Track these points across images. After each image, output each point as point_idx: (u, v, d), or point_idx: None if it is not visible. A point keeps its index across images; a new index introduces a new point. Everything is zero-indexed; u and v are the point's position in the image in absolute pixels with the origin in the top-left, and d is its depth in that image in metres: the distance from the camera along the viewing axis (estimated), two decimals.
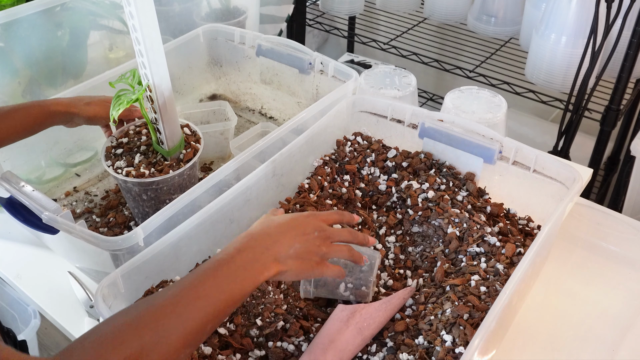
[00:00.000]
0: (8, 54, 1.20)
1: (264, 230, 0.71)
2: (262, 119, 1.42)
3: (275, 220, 0.73)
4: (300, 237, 0.71)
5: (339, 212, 0.81)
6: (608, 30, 1.35)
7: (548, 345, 0.90)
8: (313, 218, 0.75)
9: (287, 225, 0.72)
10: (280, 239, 0.70)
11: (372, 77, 1.34)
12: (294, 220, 0.73)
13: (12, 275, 1.06)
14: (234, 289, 0.64)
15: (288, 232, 0.71)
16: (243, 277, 0.65)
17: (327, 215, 0.78)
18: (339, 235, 0.76)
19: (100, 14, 1.37)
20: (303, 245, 0.71)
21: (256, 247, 0.68)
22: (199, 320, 0.60)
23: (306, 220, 0.74)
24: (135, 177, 0.98)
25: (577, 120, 1.48)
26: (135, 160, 1.02)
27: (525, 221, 1.00)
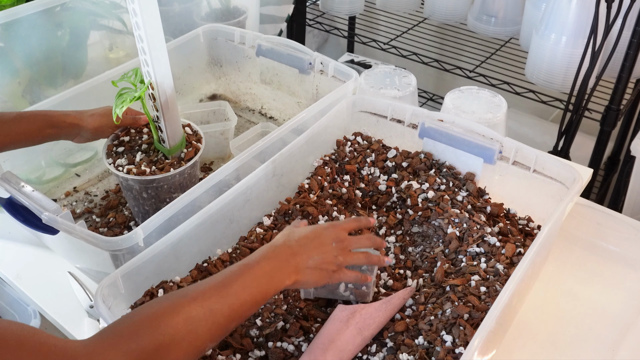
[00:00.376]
0: (8, 54, 1.20)
1: (285, 242, 0.75)
2: (262, 119, 1.42)
3: (297, 232, 0.77)
4: (318, 248, 0.76)
5: (357, 219, 0.85)
6: (608, 30, 1.35)
7: (548, 345, 0.90)
8: (332, 229, 0.79)
9: (307, 237, 0.76)
10: (300, 251, 0.75)
11: (372, 77, 1.34)
12: (314, 232, 0.78)
13: (12, 275, 1.06)
14: (257, 292, 0.69)
15: (307, 244, 0.76)
16: (266, 282, 0.70)
17: (346, 224, 0.82)
18: (357, 243, 0.81)
19: (100, 14, 1.37)
20: (321, 256, 0.76)
21: (278, 257, 0.73)
22: (226, 316, 0.65)
23: (325, 232, 0.78)
24: (136, 174, 0.98)
25: (577, 120, 1.48)
26: (137, 158, 1.02)
27: (525, 221, 1.00)
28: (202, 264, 0.89)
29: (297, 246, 0.75)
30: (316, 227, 0.79)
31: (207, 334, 0.63)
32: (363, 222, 0.85)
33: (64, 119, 1.01)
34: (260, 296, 0.69)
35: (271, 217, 0.99)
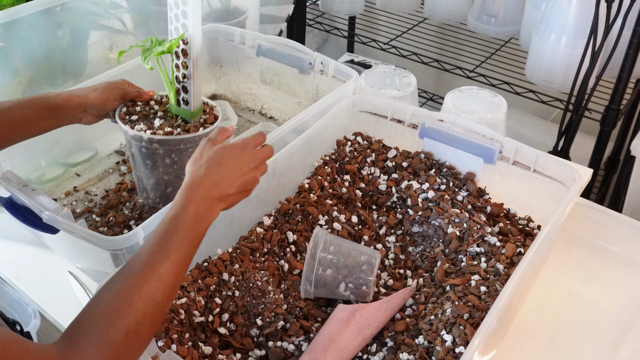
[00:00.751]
0: (8, 54, 1.20)
1: (202, 176, 0.75)
2: (262, 119, 1.42)
3: (213, 162, 0.77)
4: (239, 177, 0.77)
5: (258, 135, 0.84)
6: (608, 30, 1.35)
7: (548, 345, 0.90)
8: (246, 153, 0.79)
9: (226, 167, 0.77)
10: (221, 182, 0.75)
11: (373, 77, 1.34)
12: (231, 160, 0.78)
13: (12, 275, 1.06)
14: (193, 238, 0.71)
15: (227, 174, 0.76)
16: (198, 224, 0.72)
17: (253, 141, 0.82)
18: (265, 155, 0.82)
19: (100, 14, 1.37)
20: (241, 180, 0.77)
21: (201, 196, 0.74)
22: (175, 273, 0.68)
23: (240, 157, 0.79)
24: (164, 135, 0.95)
25: (577, 120, 1.48)
26: (155, 124, 0.98)
27: (525, 221, 1.00)
28: (202, 263, 0.89)
29: (218, 179, 0.75)
30: (231, 154, 0.78)
31: (164, 299, 0.66)
32: (261, 137, 0.84)
33: (69, 99, 0.96)
34: (198, 240, 0.72)
35: (271, 216, 0.99)
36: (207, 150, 0.78)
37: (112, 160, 1.27)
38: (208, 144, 0.80)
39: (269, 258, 0.94)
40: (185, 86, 0.98)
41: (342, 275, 0.87)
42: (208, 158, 0.77)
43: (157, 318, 0.65)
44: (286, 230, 0.97)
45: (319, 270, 0.86)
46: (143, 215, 1.11)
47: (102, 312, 0.62)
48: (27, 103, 0.93)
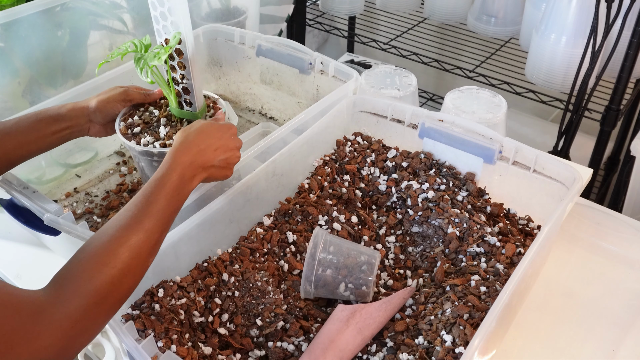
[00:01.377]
0: (8, 54, 1.20)
1: (194, 143, 0.80)
2: (262, 119, 1.42)
3: (201, 132, 0.82)
4: (224, 152, 0.83)
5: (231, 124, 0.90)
6: (608, 30, 1.35)
7: (548, 345, 0.90)
8: (231, 132, 0.86)
9: (214, 139, 0.83)
10: (207, 152, 0.81)
11: (373, 77, 1.34)
12: (218, 135, 0.84)
13: (12, 275, 1.06)
14: (177, 200, 0.76)
15: (214, 145, 0.82)
16: (182, 188, 0.76)
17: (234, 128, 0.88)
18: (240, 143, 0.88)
19: (100, 14, 1.37)
20: (226, 156, 0.83)
21: (188, 161, 0.78)
22: (160, 231, 0.72)
23: (226, 135, 0.85)
24: None
25: (577, 120, 1.48)
26: (161, 132, 0.94)
27: (525, 221, 1.00)
28: (202, 263, 0.89)
29: (202, 145, 0.81)
30: (212, 125, 0.84)
31: (148, 254, 0.70)
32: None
33: (73, 108, 0.94)
34: (180, 202, 0.76)
35: (271, 217, 1.00)
36: (199, 123, 0.84)
37: (112, 161, 1.27)
38: (199, 120, 0.86)
39: (269, 258, 0.94)
40: (185, 87, 0.95)
41: (342, 276, 0.87)
42: (198, 128, 0.83)
43: (140, 270, 0.69)
44: (286, 230, 0.97)
45: (319, 270, 0.86)
46: None
47: (89, 260, 0.65)
48: (34, 116, 0.92)
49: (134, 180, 1.21)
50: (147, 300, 0.81)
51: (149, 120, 0.97)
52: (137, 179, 1.21)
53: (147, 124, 0.97)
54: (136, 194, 0.74)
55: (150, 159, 0.94)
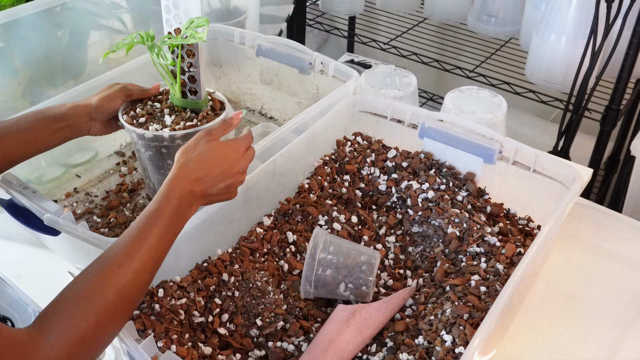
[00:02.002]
0: (8, 54, 1.20)
1: (193, 171, 0.76)
2: (262, 119, 1.42)
3: (203, 158, 0.77)
4: (225, 179, 0.78)
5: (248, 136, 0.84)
6: (608, 30, 1.35)
7: (548, 345, 0.90)
8: (236, 155, 0.80)
9: (215, 166, 0.78)
10: (207, 180, 0.77)
11: (373, 77, 1.34)
12: (221, 161, 0.78)
13: (12, 275, 1.06)
14: (172, 234, 0.73)
15: (215, 173, 0.77)
16: (177, 220, 0.73)
17: (245, 143, 0.83)
18: (251, 158, 0.83)
19: (100, 14, 1.37)
20: (226, 184, 0.79)
21: (185, 191, 0.74)
22: (150, 270, 0.69)
23: (230, 160, 0.79)
24: (185, 129, 0.92)
25: (577, 120, 1.48)
26: (167, 121, 0.95)
27: (525, 221, 1.00)
28: (202, 263, 0.89)
29: (202, 172, 0.76)
30: (216, 149, 0.79)
31: (137, 295, 0.67)
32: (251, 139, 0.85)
33: (74, 107, 0.93)
34: (175, 235, 0.73)
35: (271, 217, 1.00)
36: (202, 145, 0.79)
37: (112, 161, 1.27)
38: (205, 137, 0.80)
39: (269, 258, 0.94)
40: (192, 75, 0.95)
41: (341, 276, 0.87)
42: (200, 153, 0.78)
43: (128, 311, 0.67)
44: (286, 230, 0.97)
45: (319, 270, 0.86)
46: None
47: (75, 302, 0.63)
48: (34, 115, 0.91)
49: (134, 180, 1.21)
50: (147, 300, 0.81)
51: (152, 112, 0.97)
52: (137, 179, 1.21)
53: (151, 114, 0.97)
54: (131, 225, 0.71)
55: (160, 145, 0.94)
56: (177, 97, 0.96)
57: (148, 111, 0.97)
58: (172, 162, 0.94)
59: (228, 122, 0.86)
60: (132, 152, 1.29)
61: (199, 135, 0.80)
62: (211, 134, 0.81)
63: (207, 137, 0.80)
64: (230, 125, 0.86)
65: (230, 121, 0.87)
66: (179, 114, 0.96)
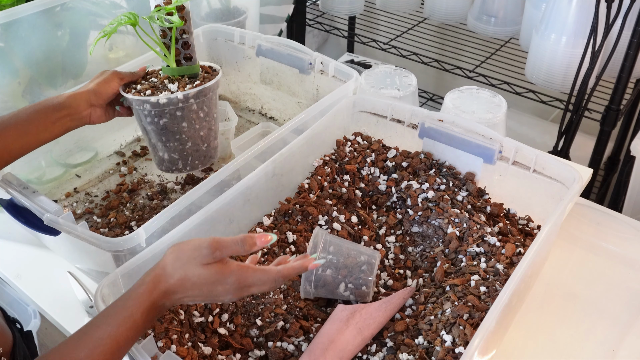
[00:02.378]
0: (8, 54, 1.20)
1: (179, 298, 0.68)
2: (262, 119, 1.42)
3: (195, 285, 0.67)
4: (206, 299, 0.69)
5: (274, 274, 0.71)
6: (608, 30, 1.35)
7: (548, 345, 0.90)
8: (232, 282, 0.68)
9: (203, 295, 0.68)
10: (184, 300, 0.68)
11: (373, 77, 1.34)
12: (212, 290, 0.68)
13: (12, 275, 1.06)
14: (139, 334, 0.67)
15: (198, 298, 0.68)
16: (142, 326, 0.66)
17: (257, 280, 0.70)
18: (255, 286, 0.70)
19: (100, 14, 1.37)
20: (204, 300, 0.69)
21: (157, 304, 0.67)
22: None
23: (224, 287, 0.68)
24: (193, 87, 0.93)
25: (577, 120, 1.48)
26: (172, 88, 0.95)
27: (525, 221, 1.00)
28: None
29: (187, 299, 0.68)
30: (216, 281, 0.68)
31: None
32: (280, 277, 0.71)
33: (73, 96, 0.92)
34: (142, 332, 0.67)
35: (271, 217, 1.00)
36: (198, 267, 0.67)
37: (112, 161, 1.27)
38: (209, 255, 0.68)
39: (269, 258, 0.94)
40: (185, 42, 0.96)
41: (341, 276, 0.87)
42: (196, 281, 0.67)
43: None
44: (286, 230, 0.97)
45: (319, 270, 0.86)
46: (144, 216, 1.11)
47: None
48: (33, 107, 0.90)
49: (134, 180, 1.21)
50: None
51: (154, 85, 0.98)
52: (137, 179, 1.21)
53: (154, 87, 0.97)
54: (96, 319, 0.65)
55: (175, 109, 0.93)
56: (173, 67, 0.97)
57: (150, 85, 0.97)
58: (186, 124, 0.95)
59: (245, 242, 0.71)
60: (132, 152, 1.29)
61: (203, 242, 0.69)
62: (215, 255, 0.68)
63: (208, 256, 0.68)
64: (251, 245, 0.71)
65: (250, 242, 0.71)
66: (179, 81, 0.97)
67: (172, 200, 1.15)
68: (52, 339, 1.22)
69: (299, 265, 0.73)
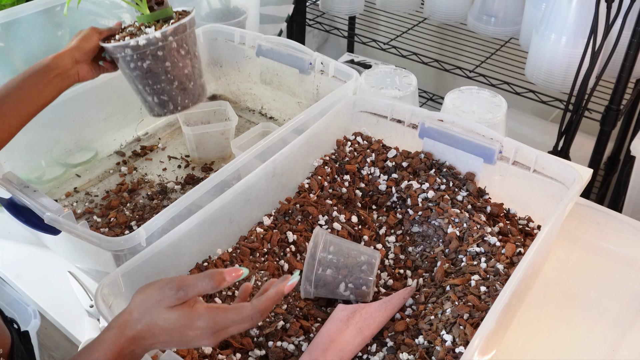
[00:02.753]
0: (8, 54, 1.20)
1: (148, 344, 0.63)
2: (263, 119, 1.42)
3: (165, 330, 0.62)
4: (184, 345, 0.64)
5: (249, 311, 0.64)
6: (608, 30, 1.36)
7: (548, 345, 0.90)
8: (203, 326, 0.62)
9: (174, 341, 0.63)
10: (155, 345, 0.64)
11: (373, 77, 1.34)
12: (183, 335, 0.63)
13: (12, 275, 1.06)
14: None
15: (169, 344, 0.63)
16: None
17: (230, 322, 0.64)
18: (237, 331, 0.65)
19: (100, 14, 1.37)
20: (177, 345, 0.64)
21: (136, 353, 0.63)
22: None
23: (195, 332, 0.62)
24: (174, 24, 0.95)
25: (577, 120, 1.48)
26: (150, 31, 0.96)
27: (525, 221, 1.00)
28: (202, 263, 0.89)
29: (157, 345, 0.63)
30: (183, 330, 0.62)
31: None
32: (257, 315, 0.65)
33: (58, 56, 0.93)
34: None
35: (271, 216, 1.00)
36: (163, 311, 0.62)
37: (112, 161, 1.27)
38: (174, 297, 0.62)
39: (269, 258, 0.94)
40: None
41: (342, 275, 0.87)
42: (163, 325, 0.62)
43: None
44: (286, 230, 0.97)
45: (319, 270, 0.86)
46: (144, 216, 1.11)
47: None
48: (21, 76, 0.90)
49: (134, 180, 1.21)
50: None
51: (133, 32, 0.98)
52: (137, 179, 1.21)
53: (133, 34, 0.97)
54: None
55: (155, 49, 0.94)
56: (146, 14, 0.98)
57: (128, 33, 0.98)
58: (169, 64, 0.95)
59: (213, 278, 0.64)
60: (132, 152, 1.30)
61: (167, 283, 0.63)
62: (178, 295, 0.62)
63: (172, 297, 0.62)
64: (220, 281, 0.64)
65: (218, 278, 0.64)
66: (155, 26, 0.98)
67: (172, 200, 1.15)
68: (52, 339, 1.22)
69: (274, 293, 0.66)
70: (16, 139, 0.91)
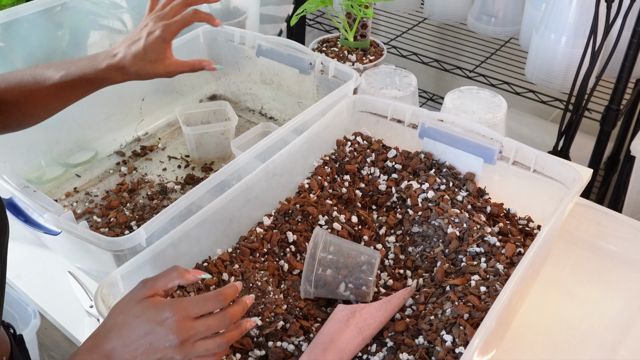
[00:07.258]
0: (8, 54, 1.20)
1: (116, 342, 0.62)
2: (263, 119, 1.42)
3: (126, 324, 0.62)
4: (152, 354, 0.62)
5: (212, 299, 0.65)
6: (608, 30, 1.36)
7: (548, 345, 0.90)
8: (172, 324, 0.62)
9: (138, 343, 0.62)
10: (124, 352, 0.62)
11: (373, 77, 1.34)
12: (144, 330, 0.62)
13: (12, 275, 1.06)
14: None
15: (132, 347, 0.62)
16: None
17: (193, 309, 0.64)
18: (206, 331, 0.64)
19: (100, 14, 1.37)
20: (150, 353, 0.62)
21: None
22: None
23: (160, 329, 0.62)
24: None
25: (577, 120, 1.48)
26: (352, 58, 1.34)
27: (525, 221, 1.00)
28: (202, 263, 0.89)
29: (116, 343, 0.62)
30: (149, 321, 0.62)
31: None
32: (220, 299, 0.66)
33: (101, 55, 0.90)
34: None
35: (271, 216, 1.00)
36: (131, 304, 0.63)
37: (112, 161, 1.27)
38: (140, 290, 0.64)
39: (269, 258, 0.94)
40: (364, 23, 1.37)
41: (342, 275, 0.87)
42: (122, 319, 0.62)
43: None
44: (286, 230, 0.97)
45: (319, 270, 0.86)
46: (144, 216, 1.11)
47: None
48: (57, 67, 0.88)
49: (134, 180, 1.21)
50: None
51: (338, 54, 1.40)
52: (137, 179, 1.21)
53: (340, 56, 1.40)
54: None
55: None
56: (350, 41, 1.38)
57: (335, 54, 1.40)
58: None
59: (175, 267, 0.67)
60: (132, 152, 1.30)
61: (136, 287, 0.65)
62: (146, 285, 0.64)
63: (141, 290, 0.64)
64: (182, 272, 0.66)
65: (180, 269, 0.67)
66: (354, 53, 1.40)
67: (172, 200, 1.15)
68: (52, 339, 1.22)
69: (238, 333, 0.68)
70: (16, 139, 0.91)
